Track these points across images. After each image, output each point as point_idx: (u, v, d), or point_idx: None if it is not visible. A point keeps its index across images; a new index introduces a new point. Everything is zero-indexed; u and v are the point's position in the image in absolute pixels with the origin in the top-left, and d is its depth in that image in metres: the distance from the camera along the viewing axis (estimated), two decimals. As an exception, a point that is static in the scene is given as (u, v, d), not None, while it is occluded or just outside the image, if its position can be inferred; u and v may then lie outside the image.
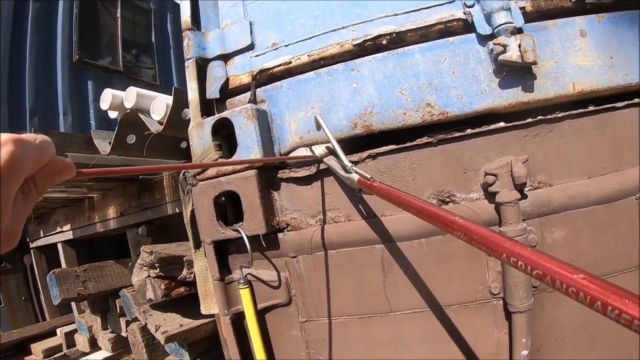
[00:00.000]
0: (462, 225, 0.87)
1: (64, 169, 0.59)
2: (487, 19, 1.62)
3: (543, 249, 1.54)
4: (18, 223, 0.53)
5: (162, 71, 8.21)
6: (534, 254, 0.72)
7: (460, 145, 1.61)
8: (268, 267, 1.77)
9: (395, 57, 1.69)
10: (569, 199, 1.55)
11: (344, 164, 1.45)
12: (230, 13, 2.00)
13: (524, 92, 1.61)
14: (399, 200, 1.12)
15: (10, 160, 0.48)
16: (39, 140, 0.55)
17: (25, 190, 0.54)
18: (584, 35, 1.66)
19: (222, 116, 1.70)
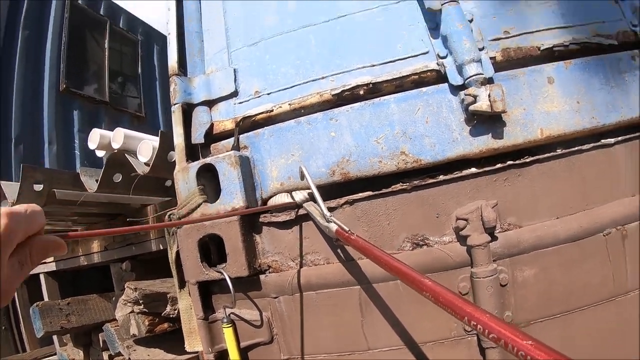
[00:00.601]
0: (430, 287, 0.94)
1: (56, 246, 0.68)
2: (459, 70, 1.71)
3: (514, 287, 1.62)
4: (11, 286, 0.60)
5: (147, 102, 8.26)
6: (492, 319, 0.80)
7: (433, 191, 1.69)
8: (250, 307, 1.82)
9: (371, 107, 1.78)
10: (537, 239, 1.63)
11: (323, 213, 1.52)
12: (216, 59, 2.09)
13: (494, 139, 1.70)
14: (374, 256, 1.19)
15: (4, 232, 0.56)
16: (29, 211, 0.63)
17: (22, 260, 0.61)
18: (551, 82, 1.75)
19: (206, 162, 1.76)
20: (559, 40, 1.80)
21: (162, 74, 8.95)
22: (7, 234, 0.57)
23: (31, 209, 0.63)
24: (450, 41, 1.74)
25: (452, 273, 1.63)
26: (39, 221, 0.65)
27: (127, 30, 8.08)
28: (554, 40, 1.80)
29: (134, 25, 8.43)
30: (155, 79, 8.78)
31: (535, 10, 1.86)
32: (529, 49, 1.80)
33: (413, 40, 1.85)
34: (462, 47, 1.70)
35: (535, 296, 1.63)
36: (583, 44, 1.80)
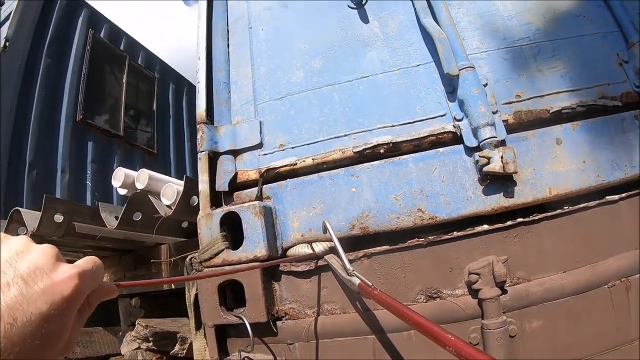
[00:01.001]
0: (454, 344, 1.00)
1: (110, 293, 0.70)
2: (474, 132, 1.81)
3: (522, 338, 1.67)
4: (74, 335, 0.61)
5: (160, 139, 8.35)
6: None
7: (447, 246, 1.76)
8: (265, 352, 1.85)
9: (391, 165, 1.87)
10: (545, 292, 1.69)
11: (345, 267, 1.58)
12: (242, 111, 2.18)
13: (505, 198, 1.78)
14: (397, 311, 1.24)
15: (76, 290, 0.57)
16: (95, 267, 0.64)
17: (81, 308, 0.62)
18: (559, 143, 1.85)
19: (230, 209, 1.84)
20: (567, 103, 1.90)
21: (175, 112, 9.09)
22: (79, 292, 0.58)
23: (97, 265, 0.65)
24: (466, 105, 1.85)
25: (464, 324, 1.69)
26: (101, 275, 0.66)
27: (144, 67, 8.26)
28: (563, 103, 1.90)
29: (152, 62, 8.62)
30: (169, 116, 8.89)
31: (545, 74, 1.97)
32: (539, 112, 1.90)
33: (431, 102, 1.96)
34: (477, 111, 1.80)
35: (543, 347, 1.68)
36: (589, 106, 1.90)
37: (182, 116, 9.33)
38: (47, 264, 0.57)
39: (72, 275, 0.58)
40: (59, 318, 0.55)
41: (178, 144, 9.02)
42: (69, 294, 0.56)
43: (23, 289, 0.53)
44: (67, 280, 0.57)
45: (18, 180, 5.58)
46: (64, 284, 0.56)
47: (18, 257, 0.56)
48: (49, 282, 0.56)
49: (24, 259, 0.57)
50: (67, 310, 0.57)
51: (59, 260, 0.59)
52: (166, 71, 9.06)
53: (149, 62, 8.52)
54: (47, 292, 0.55)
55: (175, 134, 8.96)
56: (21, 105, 5.78)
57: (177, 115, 9.15)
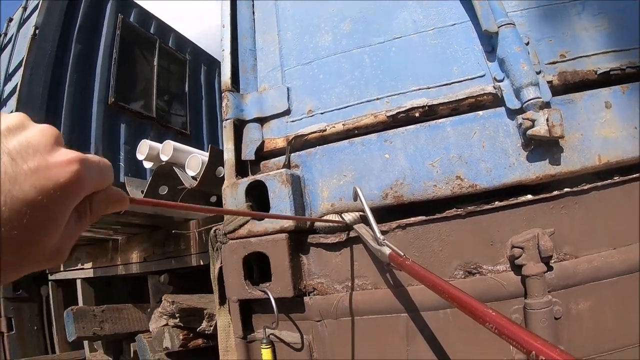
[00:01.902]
0: (494, 319, 0.88)
1: (119, 200, 0.59)
2: (517, 93, 1.67)
3: (568, 320, 1.54)
4: (68, 241, 0.53)
5: (192, 121, 8.37)
6: (562, 355, 0.73)
7: (488, 218, 1.63)
8: (291, 329, 1.78)
9: (427, 129, 1.75)
10: (594, 271, 1.56)
11: (376, 236, 1.48)
12: (269, 77, 2.10)
13: (551, 165, 1.64)
14: (431, 283, 1.14)
15: (74, 178, 0.48)
16: (102, 163, 0.55)
17: (80, 210, 0.54)
18: (609, 106, 1.70)
19: (256, 178, 1.76)
20: (615, 63, 1.75)
21: (208, 93, 9.09)
22: (77, 183, 0.49)
23: (105, 162, 0.56)
24: (507, 64, 1.71)
25: (505, 303, 1.57)
26: (108, 179, 0.57)
27: (175, 50, 8.26)
28: (610, 63, 1.75)
29: (183, 45, 8.61)
30: (201, 98, 8.90)
31: (591, 33, 1.81)
32: (585, 73, 1.75)
33: (469, 63, 1.83)
34: (519, 70, 1.67)
35: (589, 331, 1.56)
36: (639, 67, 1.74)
37: (214, 97, 9.34)
38: (44, 143, 0.48)
39: (72, 160, 0.48)
40: (48, 208, 0.46)
41: (211, 125, 9.02)
42: (65, 181, 0.47)
43: (7, 166, 0.44)
44: (65, 165, 0.48)
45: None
46: (60, 168, 0.47)
47: (9, 133, 0.47)
48: (42, 163, 0.46)
49: (16, 135, 0.47)
50: (60, 201, 0.48)
51: (59, 144, 0.50)
52: (197, 53, 9.05)
53: (180, 44, 8.52)
54: (37, 175, 0.46)
55: (207, 115, 8.95)
56: (53, 90, 5.87)
57: (210, 96, 9.13)
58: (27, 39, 5.70)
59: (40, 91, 5.71)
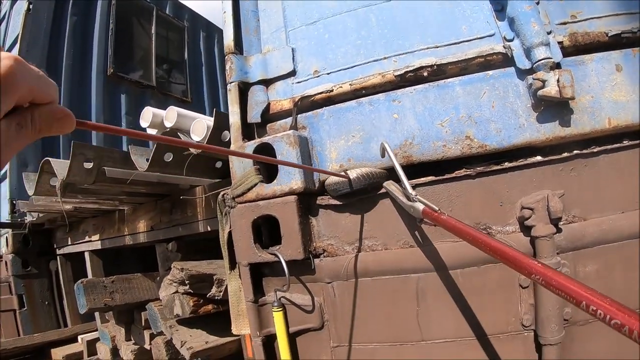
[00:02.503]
0: (540, 271, 0.88)
1: (64, 118, 0.59)
2: (527, 53, 1.65)
3: None
4: (6, 149, 0.53)
5: (193, 88, 8.35)
6: (613, 304, 0.74)
7: (497, 179, 1.63)
8: (302, 292, 1.79)
9: (436, 89, 1.72)
10: (602, 234, 1.56)
11: (407, 192, 1.47)
12: (273, 39, 2.05)
13: (561, 127, 1.63)
14: (470, 236, 1.13)
15: (6, 73, 0.48)
16: (42, 74, 0.55)
17: (21, 122, 0.54)
18: (619, 69, 1.67)
19: (263, 141, 1.74)
20: (627, 26, 1.71)
21: (207, 60, 9.04)
22: (10, 77, 0.48)
23: (46, 76, 0.56)
24: (517, 23, 1.67)
25: (515, 265, 1.56)
26: (50, 91, 0.56)
27: (173, 17, 8.15)
28: (622, 26, 1.71)
29: (180, 11, 8.50)
30: (201, 64, 8.85)
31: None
32: (597, 35, 1.71)
33: (478, 22, 1.78)
34: (530, 29, 1.63)
35: None
36: (651, 30, 1.70)
37: (214, 63, 9.30)
38: None
39: (6, 57, 0.48)
40: None
41: (212, 92, 9.02)
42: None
43: None
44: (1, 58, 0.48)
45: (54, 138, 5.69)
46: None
47: None
48: None
49: None
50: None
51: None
52: (196, 20, 8.96)
53: (177, 11, 8.41)
54: None
55: (208, 81, 8.93)
56: (51, 65, 5.85)
57: (210, 63, 9.10)
58: (21, 15, 5.64)
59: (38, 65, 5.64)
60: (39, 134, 0.57)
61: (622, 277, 1.57)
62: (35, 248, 5.17)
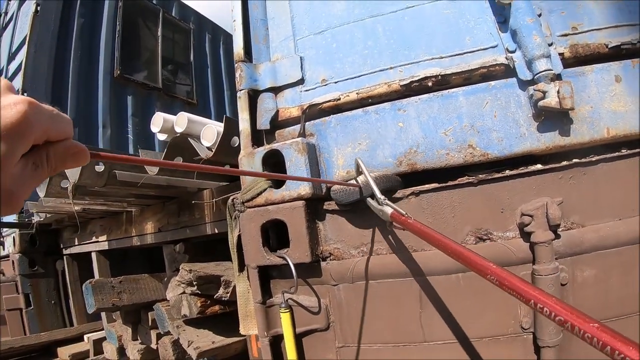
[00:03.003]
0: (495, 272, 0.95)
1: (78, 153, 0.59)
2: (528, 65, 1.69)
3: (573, 287, 1.61)
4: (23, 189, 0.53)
5: (199, 90, 8.41)
6: (558, 302, 0.83)
7: (499, 186, 1.68)
8: (309, 294, 1.85)
9: (440, 99, 1.78)
10: (600, 240, 1.61)
11: (376, 196, 1.52)
12: (281, 47, 2.11)
13: (560, 136, 1.68)
14: (434, 239, 1.19)
15: (21, 119, 0.49)
16: (57, 112, 0.56)
17: (37, 161, 0.55)
18: (619, 80, 1.72)
19: (273, 147, 1.79)
20: (626, 37, 1.75)
21: (213, 62, 9.12)
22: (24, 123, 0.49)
23: (59, 112, 0.57)
24: (519, 36, 1.72)
25: (514, 269, 1.62)
26: (64, 129, 0.57)
27: (179, 19, 8.22)
28: (622, 37, 1.76)
29: (186, 14, 8.57)
30: (207, 67, 8.92)
31: (603, 7, 1.82)
32: (597, 46, 1.76)
33: (481, 33, 1.83)
34: (532, 42, 1.68)
35: (593, 297, 1.62)
36: (650, 42, 1.75)
37: (220, 65, 9.36)
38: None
39: (20, 101, 0.50)
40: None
41: (218, 94, 9.08)
42: (11, 121, 0.48)
43: None
44: (12, 106, 0.49)
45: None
46: (6, 110, 0.49)
47: None
48: None
49: None
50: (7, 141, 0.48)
51: (11, 91, 0.52)
52: (202, 22, 9.04)
53: (183, 13, 8.49)
54: None
55: (214, 83, 9.00)
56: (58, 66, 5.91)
57: (215, 65, 9.18)
58: (29, 16, 5.69)
59: (46, 67, 5.74)
60: (54, 171, 0.58)
61: (620, 282, 1.61)
62: (42, 248, 5.25)
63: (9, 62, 6.16)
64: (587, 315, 0.78)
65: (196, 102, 8.16)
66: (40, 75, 5.69)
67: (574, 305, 1.53)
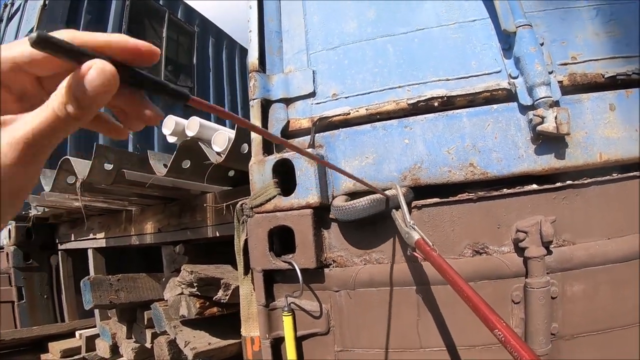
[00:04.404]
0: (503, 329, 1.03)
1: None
2: (529, 91, 1.79)
3: (563, 300, 1.70)
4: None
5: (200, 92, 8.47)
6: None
7: (496, 203, 1.77)
8: (311, 298, 1.92)
9: (445, 118, 1.87)
10: (589, 257, 1.71)
11: (406, 219, 1.59)
12: (294, 60, 2.19)
13: (556, 159, 1.78)
14: (450, 278, 1.28)
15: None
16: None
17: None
18: (613, 109, 1.82)
19: (284, 157, 1.87)
20: (622, 69, 1.85)
21: (215, 66, 9.20)
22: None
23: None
24: (522, 63, 1.82)
25: (508, 282, 1.73)
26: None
27: (184, 22, 8.31)
28: (618, 68, 1.85)
29: (191, 16, 8.67)
30: (208, 70, 9.01)
31: (602, 38, 1.92)
32: (594, 76, 1.86)
33: (487, 58, 1.93)
34: (534, 70, 1.78)
35: (581, 311, 1.71)
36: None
37: (222, 70, 9.44)
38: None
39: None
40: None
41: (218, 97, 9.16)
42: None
43: None
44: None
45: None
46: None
47: None
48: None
49: None
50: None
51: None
52: (206, 26, 9.13)
53: (189, 16, 8.58)
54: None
55: (215, 87, 9.08)
56: (61, 61, 5.90)
57: (217, 69, 9.26)
58: (36, 9, 5.73)
59: (53, 59, 5.74)
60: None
61: (607, 297, 1.71)
62: (37, 242, 5.22)
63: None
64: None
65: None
66: (45, 69, 5.69)
67: (563, 318, 1.65)
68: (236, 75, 10.00)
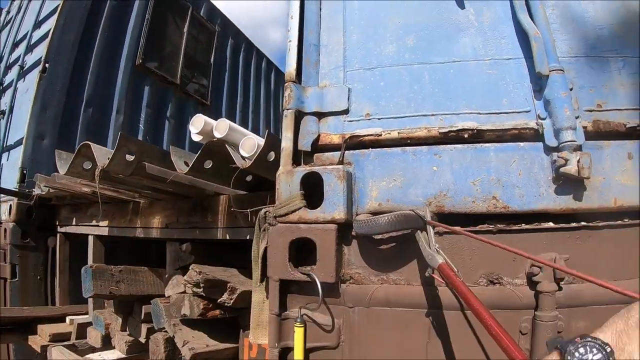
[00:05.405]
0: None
1: None
2: (556, 133, 1.85)
3: (568, 335, 1.71)
4: None
5: (214, 92, 8.53)
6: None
7: (514, 237, 1.82)
8: (324, 312, 1.94)
9: (473, 150, 1.92)
10: (596, 296, 1.74)
11: (431, 242, 1.64)
12: (330, 75, 2.22)
13: (574, 200, 1.84)
14: (471, 304, 1.31)
15: None
16: None
17: None
18: (630, 157, 1.89)
19: (313, 169, 1.90)
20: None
21: (232, 67, 9.25)
22: None
23: None
24: (552, 106, 1.88)
25: (518, 312, 1.78)
26: None
27: (206, 19, 8.37)
28: (638, 120, 1.93)
29: (214, 15, 8.73)
30: (225, 70, 9.05)
31: (627, 89, 1.98)
32: (616, 124, 1.93)
33: (517, 97, 1.99)
34: (562, 114, 1.84)
35: None
36: (664, 127, 1.92)
37: (237, 72, 9.47)
38: None
39: None
40: None
41: (231, 98, 9.19)
42: None
43: None
44: None
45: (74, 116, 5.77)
46: None
47: None
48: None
49: None
50: None
51: None
52: (227, 26, 9.18)
53: (211, 14, 8.63)
54: None
55: (229, 88, 9.12)
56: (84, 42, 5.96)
57: (233, 70, 9.30)
58: (60, -4, 5.74)
59: (72, 41, 5.79)
60: None
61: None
62: (37, 221, 5.18)
63: (34, 29, 6.21)
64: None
65: (209, 104, 8.24)
66: (65, 47, 5.75)
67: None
68: (250, 79, 10.05)
